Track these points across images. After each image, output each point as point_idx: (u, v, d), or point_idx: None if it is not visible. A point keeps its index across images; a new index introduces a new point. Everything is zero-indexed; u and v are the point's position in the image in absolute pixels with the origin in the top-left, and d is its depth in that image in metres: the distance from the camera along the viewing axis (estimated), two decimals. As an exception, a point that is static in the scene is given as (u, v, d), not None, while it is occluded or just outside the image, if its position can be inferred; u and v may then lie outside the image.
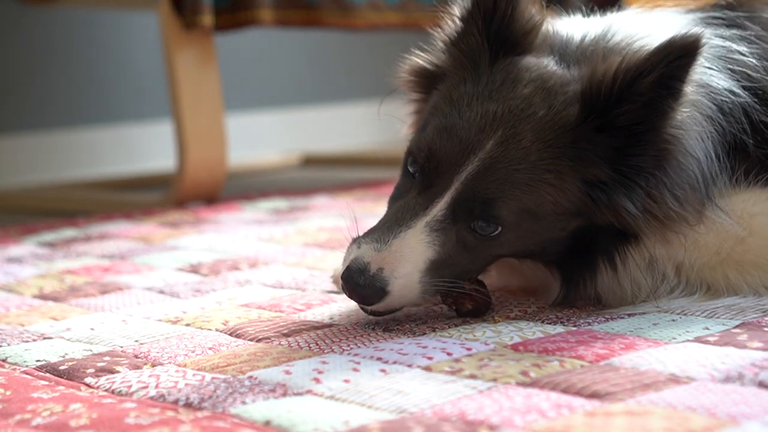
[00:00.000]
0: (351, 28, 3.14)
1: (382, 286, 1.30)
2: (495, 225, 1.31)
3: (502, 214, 1.30)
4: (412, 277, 1.31)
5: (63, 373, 1.29)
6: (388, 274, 1.30)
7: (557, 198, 1.31)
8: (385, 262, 1.30)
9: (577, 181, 1.31)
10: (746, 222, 1.37)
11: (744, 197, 1.38)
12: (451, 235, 1.32)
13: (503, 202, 1.30)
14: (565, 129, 1.31)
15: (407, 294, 1.32)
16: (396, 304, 1.33)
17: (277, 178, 3.78)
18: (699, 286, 1.39)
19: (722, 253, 1.38)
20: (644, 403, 1.02)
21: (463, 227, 1.32)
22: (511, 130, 1.31)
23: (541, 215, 1.32)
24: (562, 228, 1.34)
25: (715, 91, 1.37)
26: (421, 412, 1.04)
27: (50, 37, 3.93)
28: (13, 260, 2.16)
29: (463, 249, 1.33)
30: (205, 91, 2.98)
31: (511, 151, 1.30)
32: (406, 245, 1.31)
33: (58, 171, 3.95)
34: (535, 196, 1.31)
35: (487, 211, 1.31)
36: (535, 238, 1.34)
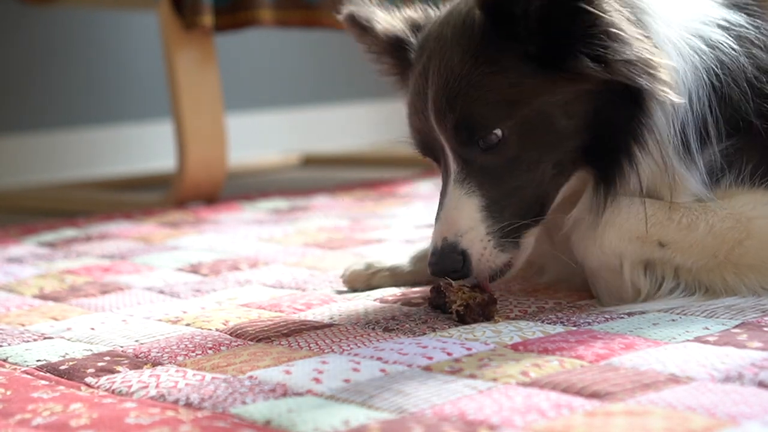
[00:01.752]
0: (351, 28, 3.13)
1: (454, 249, 1.35)
2: (487, 130, 1.35)
3: (482, 117, 1.35)
4: (478, 229, 1.35)
5: (63, 373, 1.29)
6: (453, 237, 1.36)
7: (510, 78, 1.35)
8: (446, 231, 1.37)
9: (518, 60, 1.35)
10: (744, 225, 1.37)
11: (744, 200, 1.38)
12: (479, 174, 1.37)
13: (472, 108, 1.36)
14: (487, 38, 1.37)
15: (484, 248, 1.35)
16: (482, 263, 1.36)
17: (277, 178, 3.78)
18: (697, 288, 1.40)
19: (720, 256, 1.38)
20: (644, 403, 1.02)
21: (480, 161, 1.37)
22: (439, 64, 1.39)
23: (517, 102, 1.34)
24: (564, 114, 1.35)
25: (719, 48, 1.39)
26: (421, 412, 1.04)
27: (50, 37, 3.93)
28: (14, 260, 2.16)
29: (499, 177, 1.36)
30: (205, 91, 2.99)
31: (451, 81, 1.37)
32: (450, 208, 1.37)
33: (58, 171, 3.95)
34: (489, 87, 1.35)
35: (471, 126, 1.36)
36: (542, 133, 1.35)
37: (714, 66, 1.39)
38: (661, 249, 1.38)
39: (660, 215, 1.38)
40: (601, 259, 1.39)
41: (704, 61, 1.39)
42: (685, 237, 1.38)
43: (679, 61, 1.37)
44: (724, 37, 1.41)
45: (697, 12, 1.43)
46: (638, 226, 1.37)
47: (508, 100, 1.35)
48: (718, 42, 1.40)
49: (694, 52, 1.39)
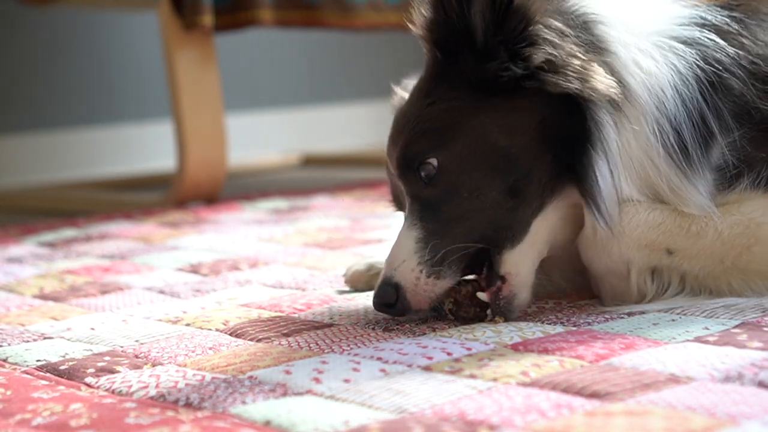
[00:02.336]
0: (351, 28, 3.14)
1: (389, 282, 1.35)
2: (421, 159, 1.36)
3: (416, 147, 1.37)
4: (410, 260, 1.35)
5: (63, 373, 1.29)
6: (390, 271, 1.36)
7: (441, 106, 1.37)
8: (387, 265, 1.37)
9: (454, 89, 1.37)
10: (753, 230, 1.36)
11: (753, 206, 1.37)
12: (421, 206, 1.37)
13: (408, 140, 1.39)
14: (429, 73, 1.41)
15: (417, 279, 1.34)
16: (418, 293, 1.34)
17: (277, 178, 3.78)
18: (701, 292, 1.39)
19: (727, 262, 1.37)
20: (644, 403, 1.02)
21: (423, 194, 1.37)
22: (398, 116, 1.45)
23: (450, 128, 1.35)
24: (505, 133, 1.34)
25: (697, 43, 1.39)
26: (421, 412, 1.04)
27: (50, 37, 3.93)
28: (14, 260, 2.16)
29: (437, 206, 1.36)
30: (205, 91, 2.99)
31: (401, 123, 1.43)
32: (395, 243, 1.39)
33: (58, 171, 3.95)
34: (424, 118, 1.38)
35: (408, 158, 1.38)
36: (482, 157, 1.34)
37: (698, 61, 1.37)
38: (669, 256, 1.38)
39: (669, 222, 1.37)
40: (608, 266, 1.38)
41: (685, 59, 1.37)
42: (694, 244, 1.37)
43: (652, 65, 1.36)
44: (703, 33, 1.40)
45: (668, 16, 1.42)
46: (647, 234, 1.36)
47: (441, 127, 1.36)
48: (698, 38, 1.39)
49: (671, 53, 1.37)
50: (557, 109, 1.33)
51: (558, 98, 1.33)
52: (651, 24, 1.40)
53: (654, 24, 1.41)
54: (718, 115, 1.37)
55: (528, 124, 1.34)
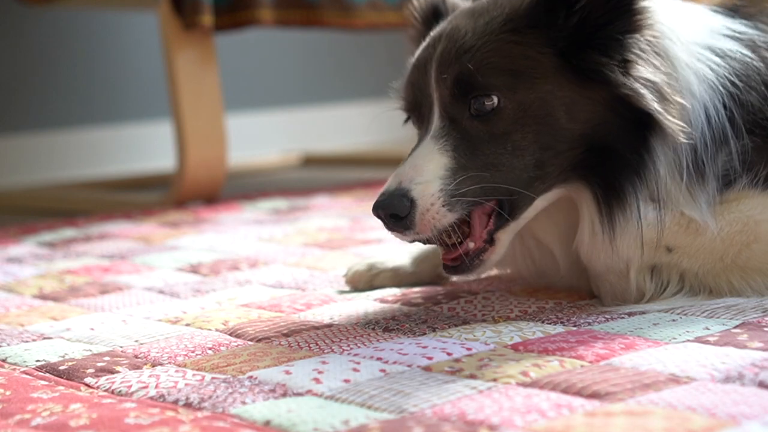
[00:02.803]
0: (351, 28, 3.14)
1: (405, 194, 1.31)
2: (485, 93, 1.33)
3: (485, 77, 1.33)
4: (433, 183, 1.32)
5: (63, 373, 1.29)
6: (407, 183, 1.32)
7: (528, 53, 1.34)
8: (403, 177, 1.34)
9: (544, 42, 1.34)
10: (752, 228, 1.37)
11: (753, 203, 1.37)
12: (459, 137, 1.35)
13: (479, 65, 1.33)
14: (523, 11, 1.36)
15: (431, 204, 1.31)
16: (427, 218, 1.32)
17: (277, 178, 3.78)
18: (701, 291, 1.39)
19: (726, 260, 1.37)
20: (644, 403, 1.02)
21: (466, 124, 1.35)
22: (459, 26, 1.38)
23: (525, 77, 1.33)
24: (566, 112, 1.33)
25: (731, 56, 1.39)
26: (421, 412, 1.04)
27: (50, 37, 3.93)
28: (13, 260, 2.16)
29: (478, 144, 1.34)
30: (205, 91, 2.99)
31: (467, 37, 1.36)
32: (418, 157, 1.35)
33: (58, 171, 3.95)
34: (505, 53, 1.34)
35: (471, 83, 1.34)
36: (540, 120, 1.33)
37: (728, 75, 1.38)
38: (669, 254, 1.38)
39: (668, 220, 1.37)
40: (607, 264, 1.38)
41: (718, 74, 1.38)
42: (693, 242, 1.37)
43: (695, 84, 1.36)
44: (734, 45, 1.41)
45: (703, 24, 1.43)
46: (646, 231, 1.36)
47: (519, 72, 1.34)
48: (729, 51, 1.40)
49: (707, 68, 1.38)
50: (620, 119, 1.33)
51: (625, 110, 1.32)
52: (693, 34, 1.41)
53: (695, 34, 1.41)
54: (735, 129, 1.38)
55: (589, 118, 1.34)
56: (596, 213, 1.36)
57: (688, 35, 1.40)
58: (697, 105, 1.36)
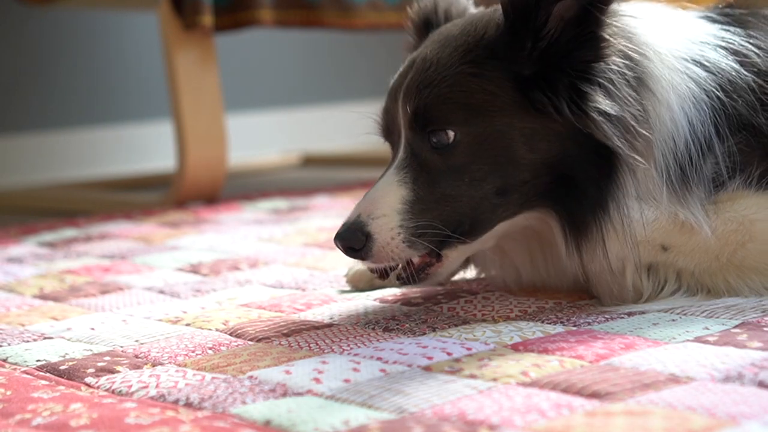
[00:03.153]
0: (351, 28, 3.14)
1: (361, 228, 1.35)
2: (440, 126, 1.35)
3: (441, 111, 1.35)
4: (391, 218, 1.35)
5: (63, 373, 1.29)
6: (365, 217, 1.36)
7: (486, 87, 1.34)
8: (362, 209, 1.37)
9: (504, 76, 1.35)
10: (747, 227, 1.37)
11: (747, 203, 1.38)
12: (419, 169, 1.37)
13: (437, 99, 1.35)
14: (487, 41, 1.37)
15: (391, 239, 1.34)
16: (386, 251, 1.35)
17: (277, 178, 3.78)
18: (699, 290, 1.39)
19: (722, 259, 1.38)
20: (644, 403, 1.02)
21: (426, 156, 1.37)
22: (432, 53, 1.40)
23: (482, 111, 1.34)
24: (525, 143, 1.33)
25: (716, 68, 1.39)
26: (421, 412, 1.04)
27: (50, 37, 3.93)
28: (14, 260, 2.16)
29: (436, 176, 1.36)
30: (205, 91, 2.99)
31: (430, 70, 1.38)
32: (378, 190, 1.38)
33: (58, 171, 3.95)
34: (463, 88, 1.35)
35: (428, 117, 1.36)
36: (498, 152, 1.34)
37: (713, 88, 1.38)
38: (664, 252, 1.38)
39: (663, 218, 1.37)
40: (603, 263, 1.38)
41: (702, 87, 1.38)
42: (688, 240, 1.38)
43: (675, 100, 1.36)
44: (720, 55, 1.41)
45: (687, 36, 1.42)
46: (641, 230, 1.36)
47: (475, 106, 1.35)
48: (715, 62, 1.40)
49: (692, 81, 1.38)
50: (580, 149, 1.33)
51: (585, 140, 1.32)
52: (677, 47, 1.40)
53: (680, 47, 1.41)
54: (721, 137, 1.38)
55: (548, 148, 1.34)
56: (563, 239, 1.37)
57: (670, 49, 1.39)
58: (680, 120, 1.36)
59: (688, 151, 1.36)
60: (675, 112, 1.36)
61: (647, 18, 1.43)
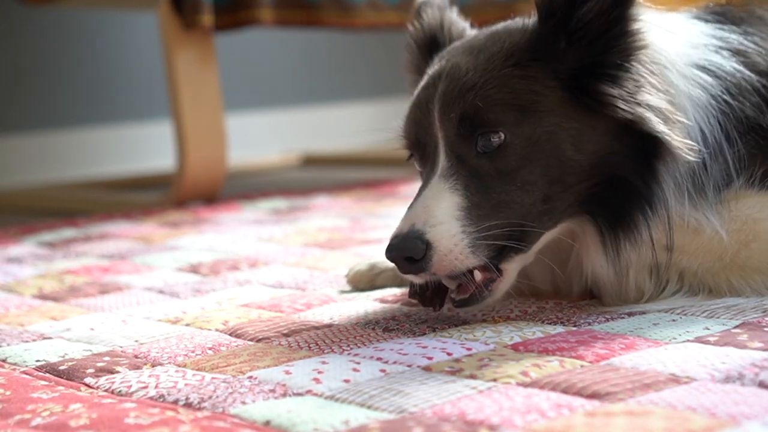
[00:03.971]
0: (351, 27, 3.14)
1: (419, 236, 1.27)
2: (492, 129, 1.31)
3: (491, 113, 1.32)
4: (450, 225, 1.28)
5: (63, 373, 1.29)
6: (421, 225, 1.28)
7: (533, 87, 1.32)
8: (416, 219, 1.29)
9: (548, 75, 1.33)
10: (750, 227, 1.37)
11: (751, 202, 1.37)
12: (468, 175, 1.32)
13: (485, 101, 1.32)
14: (525, 44, 1.35)
15: (454, 246, 1.28)
16: (448, 260, 1.28)
17: (277, 178, 3.78)
18: (701, 290, 1.39)
19: (725, 259, 1.37)
20: (644, 403, 1.02)
21: (473, 162, 1.32)
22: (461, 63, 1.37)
23: (531, 112, 1.32)
24: (573, 144, 1.32)
25: (721, 72, 1.39)
26: (421, 412, 1.04)
27: (50, 37, 3.93)
28: (13, 260, 2.16)
29: (487, 181, 1.32)
30: (205, 91, 2.99)
31: (469, 75, 1.35)
32: (429, 198, 1.31)
33: (58, 171, 3.95)
34: (510, 89, 1.33)
35: (477, 119, 1.32)
36: (547, 153, 1.32)
37: (720, 93, 1.38)
38: (667, 253, 1.38)
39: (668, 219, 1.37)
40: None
41: (710, 93, 1.38)
42: (692, 241, 1.37)
43: (690, 108, 1.36)
44: (723, 59, 1.41)
45: (689, 40, 1.42)
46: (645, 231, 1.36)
47: (524, 107, 1.32)
48: (720, 66, 1.40)
49: (700, 88, 1.38)
50: (626, 148, 1.32)
51: (631, 138, 1.32)
52: (682, 53, 1.40)
53: (684, 52, 1.40)
54: (730, 141, 1.38)
55: (596, 149, 1.32)
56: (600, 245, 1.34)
57: (677, 55, 1.39)
58: (693, 127, 1.36)
59: (701, 155, 1.35)
60: (690, 124, 1.35)
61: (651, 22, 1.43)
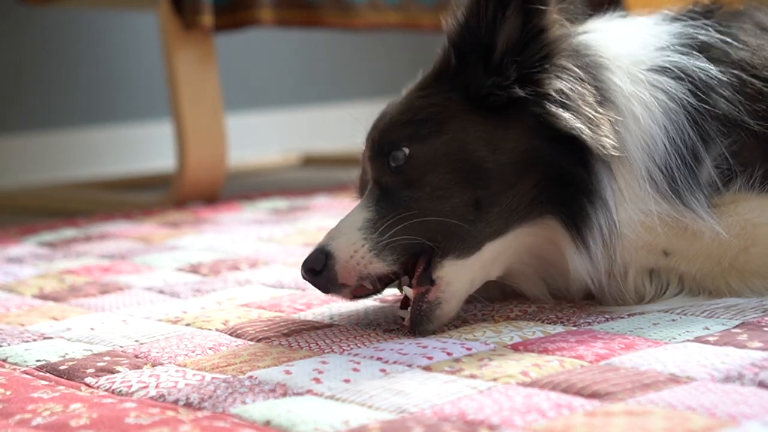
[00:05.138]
0: (351, 28, 3.14)
1: (321, 249, 1.34)
2: (394, 146, 1.36)
3: (394, 133, 1.38)
4: (351, 235, 1.34)
5: (63, 373, 1.29)
6: (327, 240, 1.36)
7: (432, 101, 1.37)
8: (327, 236, 1.37)
9: (452, 89, 1.37)
10: (750, 232, 1.36)
11: (749, 207, 1.37)
12: (380, 190, 1.38)
13: (390, 124, 1.39)
14: (436, 71, 1.41)
15: (354, 252, 1.32)
16: (350, 265, 1.32)
17: (277, 178, 3.78)
18: (701, 293, 1.39)
19: (724, 263, 1.37)
20: (644, 403, 1.02)
21: (387, 180, 1.37)
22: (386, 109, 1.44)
23: (432, 123, 1.36)
24: (485, 145, 1.33)
25: (684, 73, 1.38)
26: (421, 412, 1.04)
27: (50, 37, 3.93)
28: (13, 260, 2.16)
29: (396, 194, 1.35)
30: (205, 91, 2.99)
31: (386, 110, 1.43)
32: (343, 218, 1.38)
33: (58, 171, 3.95)
34: (410, 108, 1.39)
35: (383, 141, 1.38)
36: (455, 157, 1.33)
37: (687, 96, 1.37)
38: (666, 257, 1.37)
39: (665, 224, 1.36)
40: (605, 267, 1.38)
41: (674, 96, 1.37)
42: (691, 245, 1.37)
43: (647, 117, 1.35)
44: (690, 59, 1.39)
45: (651, 44, 1.42)
46: (644, 235, 1.35)
47: (424, 120, 1.37)
48: (684, 67, 1.39)
49: (661, 93, 1.37)
50: (548, 143, 1.32)
51: (550, 134, 1.32)
52: (643, 56, 1.40)
53: (645, 55, 1.40)
54: (706, 140, 1.36)
55: (513, 147, 1.33)
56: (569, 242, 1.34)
57: (629, 60, 1.39)
58: (653, 132, 1.34)
59: (673, 159, 1.34)
60: (643, 124, 1.35)
61: (606, 31, 1.43)
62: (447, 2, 3.32)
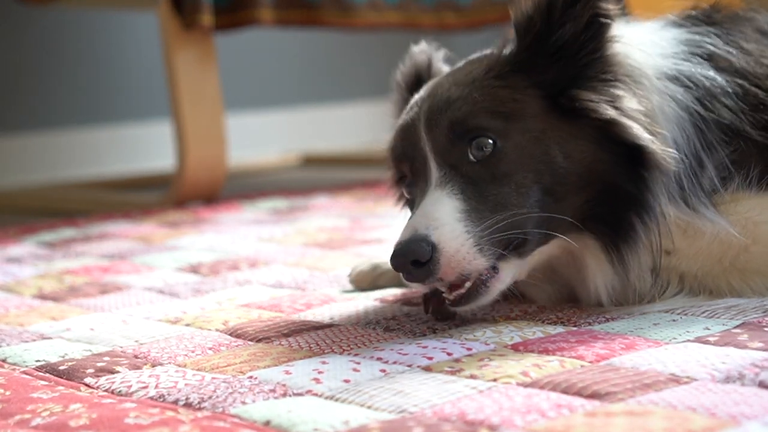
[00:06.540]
0: (351, 27, 3.14)
1: (424, 239, 1.25)
2: (482, 135, 1.32)
3: (479, 119, 1.33)
4: (454, 226, 1.27)
5: (63, 373, 1.29)
6: (424, 229, 1.27)
7: (515, 96, 1.34)
8: (417, 224, 1.28)
9: (528, 84, 1.35)
10: (750, 230, 1.36)
11: (750, 205, 1.37)
12: (462, 180, 1.32)
13: (472, 109, 1.33)
14: (505, 59, 1.37)
15: (461, 246, 1.26)
16: (455, 261, 1.26)
17: (277, 178, 3.78)
18: (701, 292, 1.39)
19: (725, 262, 1.37)
20: (644, 403, 1.01)
21: (466, 170, 1.32)
22: (445, 86, 1.38)
23: (517, 118, 1.33)
24: (560, 150, 1.32)
25: (691, 81, 1.38)
26: (421, 412, 1.04)
27: (50, 37, 3.93)
28: (13, 260, 2.16)
29: (483, 186, 1.31)
30: (205, 91, 2.99)
31: (452, 90, 1.36)
32: (428, 205, 1.30)
33: (58, 171, 3.95)
34: (492, 96, 1.34)
35: (466, 126, 1.33)
36: (538, 159, 1.32)
37: (692, 103, 1.37)
38: (667, 256, 1.37)
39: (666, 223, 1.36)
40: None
41: (682, 105, 1.37)
42: (691, 244, 1.37)
43: (662, 119, 1.36)
44: (694, 67, 1.40)
45: (661, 49, 1.42)
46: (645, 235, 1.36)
47: (510, 114, 1.33)
48: (691, 75, 1.39)
49: (671, 100, 1.37)
50: (612, 156, 1.32)
51: (613, 146, 1.32)
52: (656, 63, 1.40)
53: (657, 62, 1.40)
54: (709, 147, 1.37)
55: (583, 157, 1.32)
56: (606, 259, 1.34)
57: (649, 68, 1.39)
58: (668, 138, 1.35)
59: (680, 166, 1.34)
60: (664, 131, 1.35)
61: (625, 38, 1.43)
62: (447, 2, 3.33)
